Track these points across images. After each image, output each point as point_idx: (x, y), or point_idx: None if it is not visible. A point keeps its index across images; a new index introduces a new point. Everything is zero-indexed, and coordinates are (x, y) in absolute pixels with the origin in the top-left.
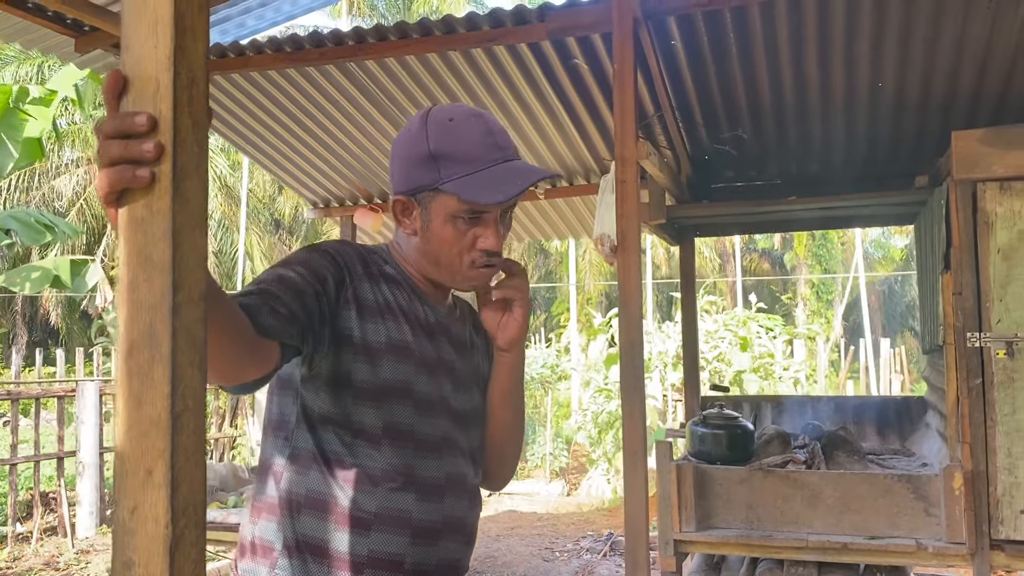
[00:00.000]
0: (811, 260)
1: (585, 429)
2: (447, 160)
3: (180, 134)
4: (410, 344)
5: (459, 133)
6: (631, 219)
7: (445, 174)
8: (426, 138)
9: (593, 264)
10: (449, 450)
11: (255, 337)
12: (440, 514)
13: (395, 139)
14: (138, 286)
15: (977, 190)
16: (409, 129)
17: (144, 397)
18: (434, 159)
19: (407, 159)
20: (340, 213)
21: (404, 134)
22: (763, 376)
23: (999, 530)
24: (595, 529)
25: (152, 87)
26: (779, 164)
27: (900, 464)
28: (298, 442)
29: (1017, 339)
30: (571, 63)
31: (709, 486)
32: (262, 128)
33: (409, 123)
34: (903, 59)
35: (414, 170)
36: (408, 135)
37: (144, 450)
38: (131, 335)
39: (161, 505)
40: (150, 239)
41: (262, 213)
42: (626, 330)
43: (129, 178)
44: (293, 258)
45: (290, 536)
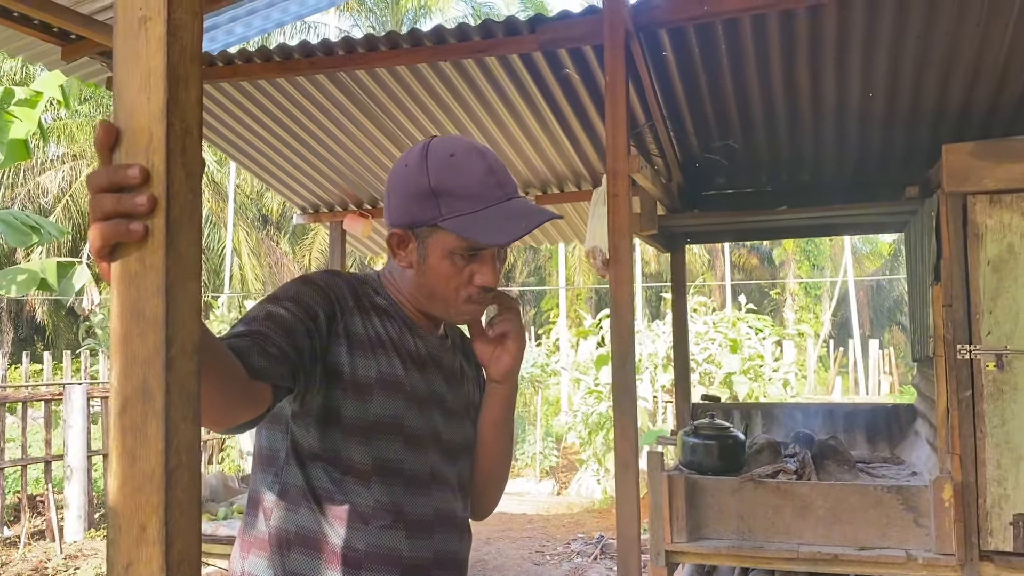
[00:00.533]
0: (799, 255)
1: (576, 429)
2: (447, 196)
3: (174, 186)
4: (401, 379)
5: (460, 169)
6: (623, 232)
7: (445, 211)
8: (426, 172)
9: (582, 261)
10: (438, 485)
11: (247, 381)
12: (430, 550)
13: (392, 170)
14: (131, 340)
15: (967, 202)
16: (408, 163)
17: (138, 453)
18: (434, 195)
19: (406, 193)
20: (329, 219)
21: (402, 168)
22: (752, 378)
23: (988, 541)
24: (585, 531)
25: (145, 139)
26: (770, 172)
27: (890, 473)
28: (287, 478)
29: (1007, 352)
30: (562, 73)
31: (700, 497)
32: (251, 136)
33: (407, 155)
34: (893, 71)
35: (413, 204)
36: (407, 169)
37: (138, 506)
38: (124, 391)
39: (156, 562)
40: (143, 294)
41: (249, 209)
42: (618, 342)
43: (122, 232)
44: (282, 293)
45: (280, 572)
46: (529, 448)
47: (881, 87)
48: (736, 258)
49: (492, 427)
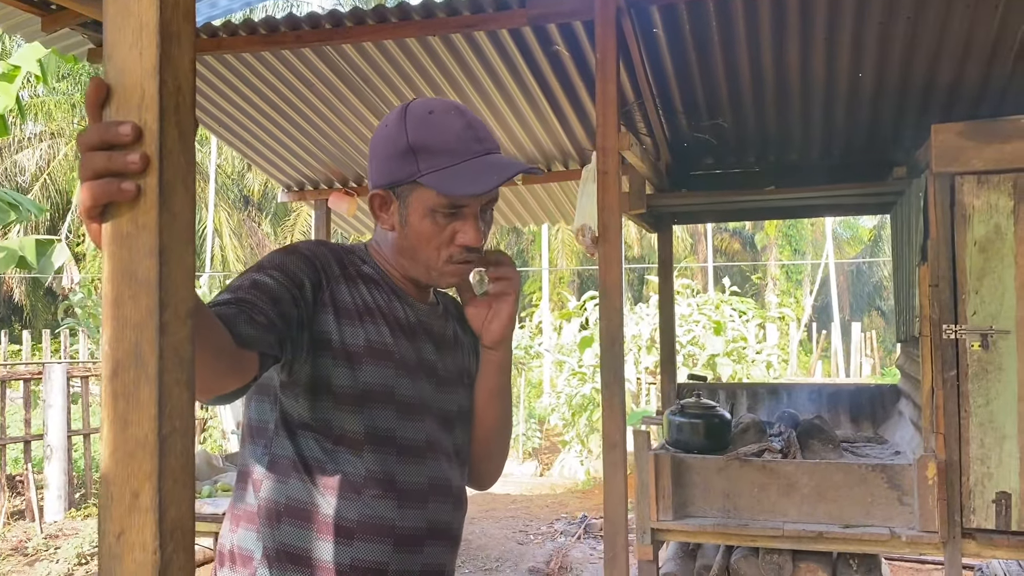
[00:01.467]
0: (781, 240)
1: (559, 411)
2: (425, 153)
3: (167, 145)
4: (390, 346)
5: (438, 126)
6: (612, 210)
7: (424, 167)
8: (405, 131)
9: (565, 244)
10: (433, 454)
11: (235, 349)
12: (424, 520)
13: (374, 134)
14: (123, 304)
15: (955, 183)
16: (387, 124)
17: (130, 418)
18: (412, 152)
19: (385, 153)
20: (314, 197)
21: (382, 129)
22: (736, 360)
23: (971, 519)
24: (569, 512)
25: (137, 96)
26: (758, 152)
27: (873, 452)
28: (277, 449)
29: (992, 331)
30: (552, 50)
31: (686, 475)
32: (235, 110)
33: (387, 117)
34: (883, 51)
35: (392, 163)
36: (386, 129)
37: (130, 473)
38: (116, 355)
39: (149, 530)
40: (135, 255)
41: (231, 189)
42: (607, 323)
43: (114, 191)
44: (267, 262)
45: (270, 545)
46: (512, 429)
47: (870, 67)
48: (718, 242)
49: (488, 395)
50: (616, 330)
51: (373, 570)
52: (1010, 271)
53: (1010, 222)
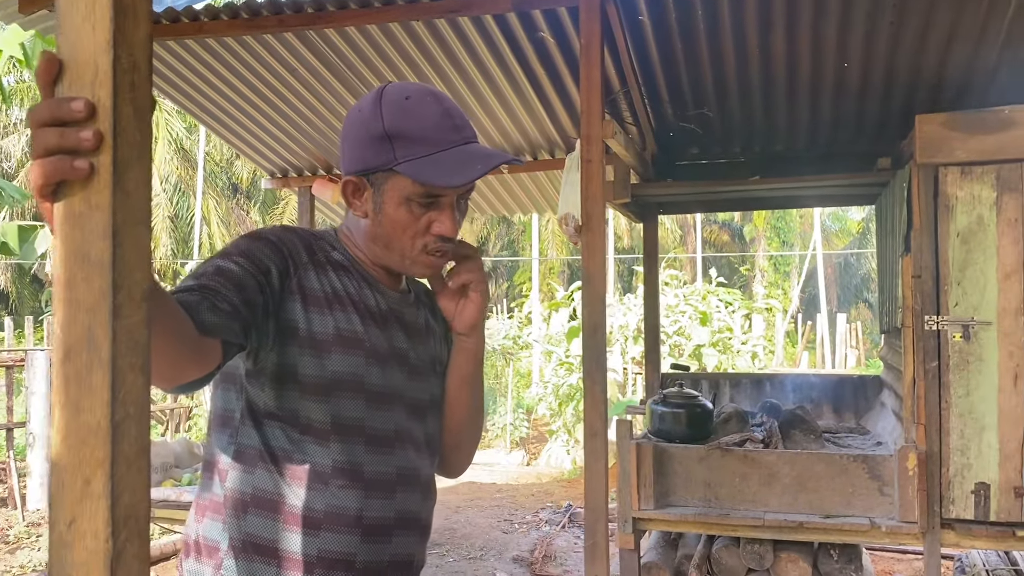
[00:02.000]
0: (770, 232)
1: (546, 400)
2: (402, 140)
3: (121, 122)
4: (360, 335)
5: (415, 112)
6: (596, 199)
7: (400, 154)
8: (380, 116)
9: (556, 234)
10: (402, 444)
11: (197, 337)
12: (392, 510)
13: (347, 117)
14: (75, 286)
15: (939, 174)
16: (361, 108)
17: (82, 404)
18: (388, 139)
19: (359, 138)
20: (298, 183)
21: (356, 113)
22: (721, 350)
23: (950, 509)
24: (554, 500)
25: (90, 72)
26: (743, 142)
27: (855, 443)
28: (243, 439)
29: (973, 323)
30: (537, 36)
31: (668, 464)
32: (218, 96)
33: (361, 101)
34: (869, 41)
35: (367, 150)
36: (360, 114)
37: (82, 459)
38: (68, 338)
39: (100, 517)
40: (88, 236)
41: (219, 177)
42: (589, 312)
43: (66, 169)
44: (233, 248)
45: (236, 536)
46: (500, 419)
47: (856, 58)
48: (707, 234)
49: (460, 383)
50: (599, 318)
51: (340, 561)
52: (992, 262)
53: (992, 213)
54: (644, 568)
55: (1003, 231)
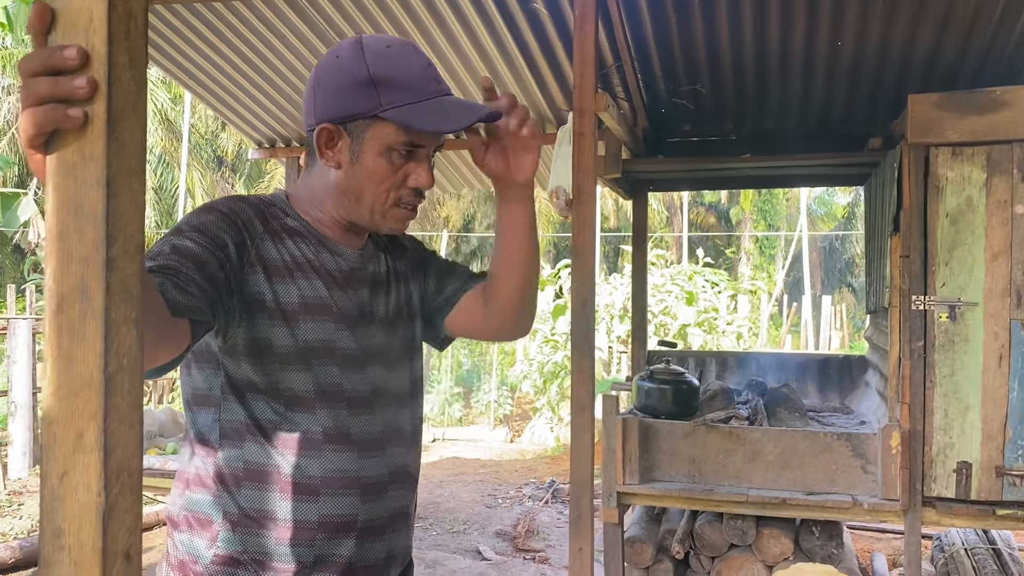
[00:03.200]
0: (756, 215)
1: (531, 378)
2: (388, 87)
3: (116, 71)
4: (326, 300)
5: (398, 61)
6: (587, 172)
7: (386, 101)
8: (364, 63)
9: (541, 213)
10: (381, 400)
11: (169, 317)
12: (384, 467)
13: (318, 67)
14: (68, 236)
15: (930, 154)
16: (339, 55)
17: (75, 355)
18: (373, 84)
19: (338, 85)
20: (286, 154)
21: (332, 60)
22: (707, 330)
23: (931, 488)
24: (537, 476)
25: (85, 19)
26: (735, 120)
27: (839, 422)
28: (227, 415)
29: (959, 303)
30: (530, 7)
31: (653, 440)
32: (205, 62)
33: (336, 49)
34: (862, 19)
35: (348, 96)
36: (339, 61)
37: (75, 411)
38: (61, 289)
39: (93, 470)
40: (82, 186)
41: (204, 149)
42: (579, 286)
43: (60, 118)
44: (186, 224)
45: (232, 509)
46: (484, 396)
47: (850, 36)
48: (694, 215)
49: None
50: (588, 292)
51: (342, 524)
52: (980, 243)
53: (982, 194)
54: (627, 542)
55: (992, 212)
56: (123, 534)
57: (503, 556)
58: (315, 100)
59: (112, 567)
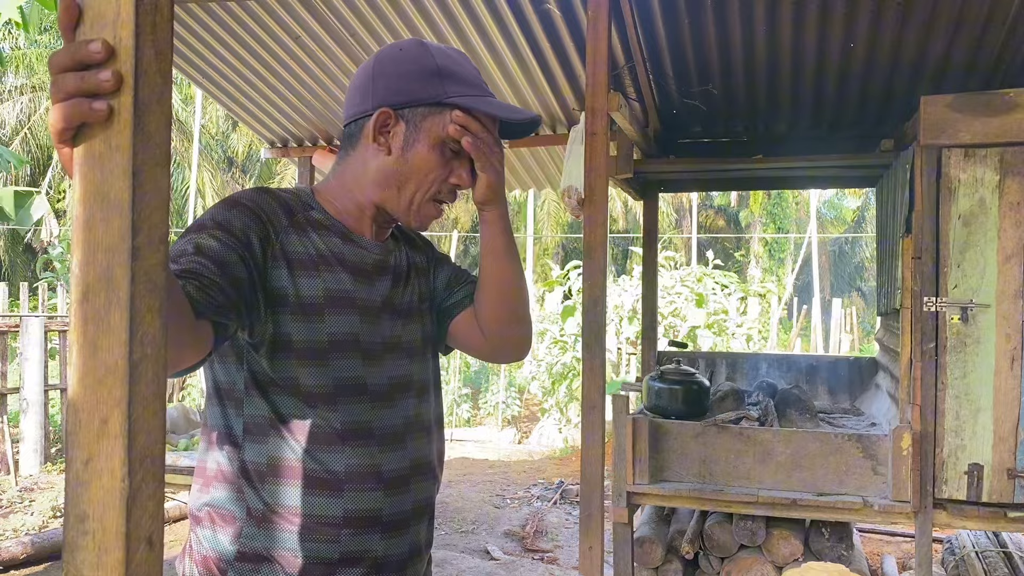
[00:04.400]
0: (766, 218)
1: (539, 379)
2: (452, 79)
3: (142, 64)
4: (351, 293)
5: (458, 60)
6: (600, 172)
7: (450, 91)
8: (430, 54)
9: (551, 215)
10: (402, 393)
11: (194, 320)
12: (407, 460)
13: (376, 58)
14: (94, 226)
15: (942, 155)
16: (400, 48)
17: (100, 343)
18: (439, 75)
19: (403, 72)
20: (298, 154)
21: (393, 52)
22: (717, 332)
23: (943, 490)
24: (546, 477)
25: (112, 12)
26: (747, 121)
27: (850, 423)
28: (250, 409)
29: (971, 305)
30: (543, 7)
31: (664, 440)
32: (219, 61)
33: (396, 44)
34: (875, 21)
35: (413, 83)
36: (402, 52)
37: (100, 399)
38: (87, 278)
39: (117, 456)
40: (108, 176)
41: (215, 150)
42: (590, 284)
43: (86, 111)
44: (209, 221)
45: (256, 505)
46: (492, 397)
47: (863, 38)
48: (703, 219)
49: (494, 257)
50: (599, 291)
51: (368, 518)
52: (992, 245)
53: (995, 196)
54: (637, 542)
55: (1005, 214)
56: (146, 520)
57: (512, 556)
58: (374, 86)
59: (135, 552)
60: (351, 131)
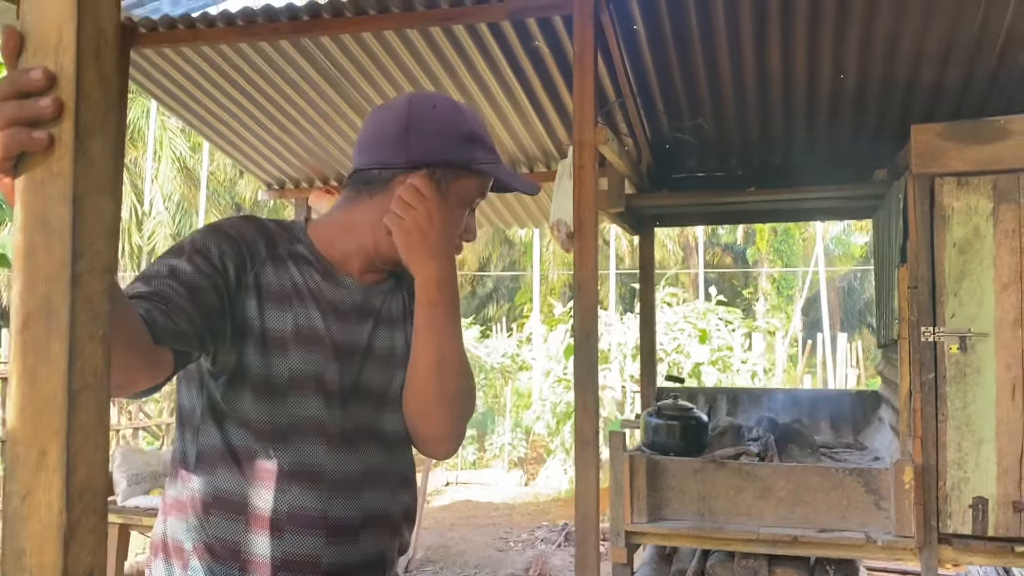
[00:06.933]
0: (773, 255)
1: (543, 419)
2: (480, 145)
3: (84, 89)
4: (319, 331)
5: (483, 125)
6: (588, 206)
7: (479, 157)
8: (464, 118)
9: (557, 255)
10: (366, 440)
11: (151, 345)
12: (358, 510)
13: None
14: (35, 254)
15: (935, 184)
16: (435, 104)
17: (39, 373)
18: (471, 140)
19: (441, 132)
20: (295, 195)
21: (427, 108)
22: (721, 369)
23: (947, 524)
24: (550, 519)
25: (54, 39)
26: (740, 154)
27: (852, 458)
28: (204, 438)
29: (970, 334)
30: (532, 45)
31: (662, 477)
32: (214, 105)
33: (429, 100)
34: (865, 50)
35: (451, 144)
36: (435, 110)
37: (38, 430)
38: (27, 306)
39: (55, 490)
40: (49, 203)
41: (222, 196)
42: (581, 318)
43: (25, 140)
44: (188, 244)
45: (201, 537)
46: (498, 439)
47: (852, 68)
48: (710, 256)
49: (415, 333)
50: (591, 325)
51: (306, 563)
52: (988, 273)
53: (989, 224)
54: None
55: (1000, 242)
56: (85, 555)
57: None
58: (408, 141)
59: None
60: (371, 177)
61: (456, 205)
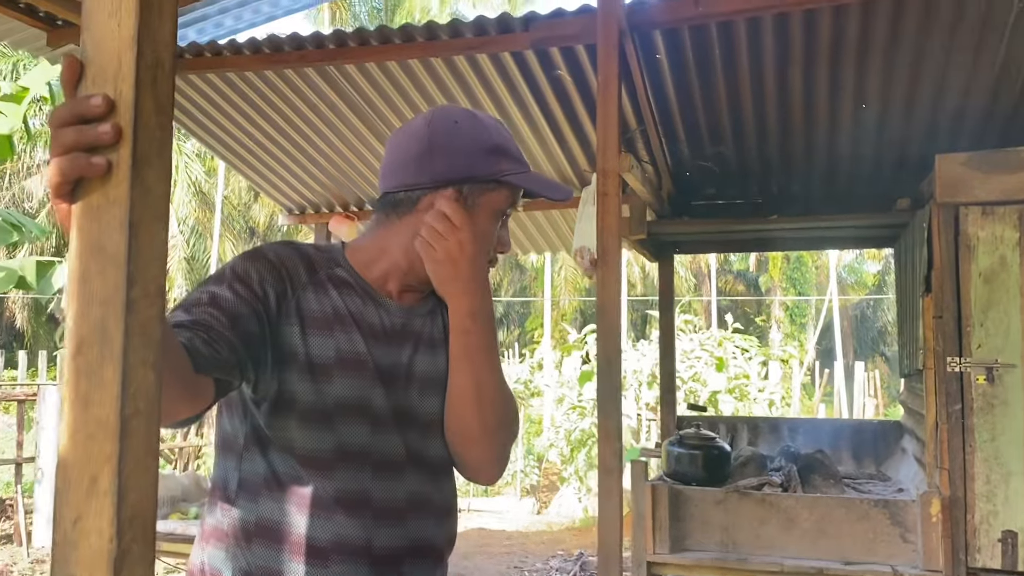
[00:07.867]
0: (785, 283)
1: (557, 447)
2: (506, 156)
3: (142, 117)
4: (363, 356)
5: (506, 134)
6: (612, 233)
7: (506, 168)
8: (487, 131)
9: (568, 280)
10: (412, 467)
11: (192, 374)
12: (403, 538)
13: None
14: (90, 279)
15: (960, 213)
16: (456, 120)
17: (92, 398)
18: (496, 152)
19: (464, 147)
20: (315, 220)
21: (449, 126)
22: (738, 397)
23: (976, 558)
24: (565, 548)
25: (113, 67)
26: (760, 183)
27: (876, 489)
28: (247, 465)
29: (997, 365)
30: (554, 74)
31: (684, 507)
32: (237, 131)
33: (449, 117)
34: (887, 81)
35: (475, 158)
36: (457, 126)
37: (90, 455)
38: (80, 331)
39: (106, 516)
40: (104, 228)
41: (237, 220)
42: (604, 345)
43: (83, 165)
44: (230, 271)
45: (242, 565)
46: (510, 466)
47: (874, 97)
48: (722, 284)
49: (453, 360)
50: (613, 352)
51: None
52: (1015, 303)
53: (1015, 253)
54: None
55: None
56: None
57: None
58: (432, 160)
59: None
60: (397, 200)
61: (487, 219)
